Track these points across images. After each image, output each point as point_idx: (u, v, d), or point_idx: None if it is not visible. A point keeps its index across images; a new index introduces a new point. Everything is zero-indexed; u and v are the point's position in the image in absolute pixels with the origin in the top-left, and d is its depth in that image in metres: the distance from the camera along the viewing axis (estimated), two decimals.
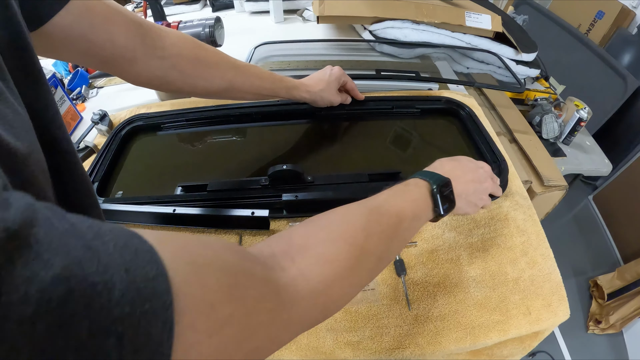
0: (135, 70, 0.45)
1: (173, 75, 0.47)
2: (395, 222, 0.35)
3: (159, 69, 0.46)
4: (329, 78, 0.65)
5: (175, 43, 0.47)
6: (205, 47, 0.51)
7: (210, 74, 0.51)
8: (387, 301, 0.50)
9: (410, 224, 0.37)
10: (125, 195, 0.62)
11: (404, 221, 0.36)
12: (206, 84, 0.51)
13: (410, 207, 0.38)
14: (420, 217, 0.39)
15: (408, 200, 0.38)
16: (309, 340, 0.46)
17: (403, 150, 0.71)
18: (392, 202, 0.37)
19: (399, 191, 0.39)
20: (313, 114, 0.75)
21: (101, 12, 0.39)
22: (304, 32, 1.12)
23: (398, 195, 0.39)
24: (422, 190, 0.40)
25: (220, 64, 0.52)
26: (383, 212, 0.35)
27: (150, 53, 0.44)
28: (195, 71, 0.49)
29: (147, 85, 0.49)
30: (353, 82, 0.71)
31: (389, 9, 0.93)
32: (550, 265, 0.53)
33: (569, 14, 2.15)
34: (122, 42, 0.41)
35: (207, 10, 1.35)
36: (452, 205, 0.42)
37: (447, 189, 0.42)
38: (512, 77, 0.88)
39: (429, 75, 0.86)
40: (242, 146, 0.71)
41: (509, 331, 0.48)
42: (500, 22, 0.95)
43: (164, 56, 0.46)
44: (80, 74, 0.93)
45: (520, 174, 0.76)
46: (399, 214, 0.36)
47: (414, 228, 0.39)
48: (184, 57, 0.47)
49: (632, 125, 1.82)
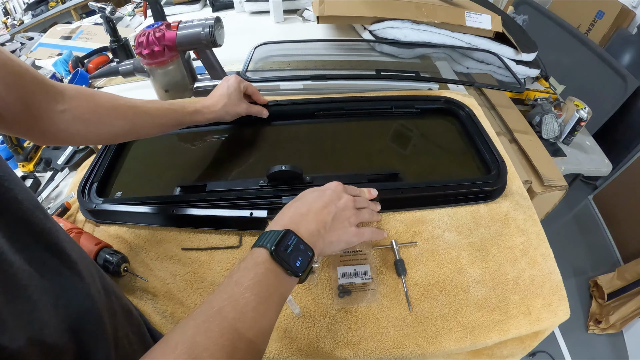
0: (41, 128, 0.45)
1: (76, 126, 0.48)
2: (230, 326, 0.31)
3: (62, 122, 0.46)
4: (227, 91, 0.65)
5: (73, 95, 0.47)
6: (101, 94, 0.52)
7: (111, 118, 0.51)
8: (387, 301, 0.50)
9: (260, 310, 0.33)
10: (124, 196, 0.62)
11: (245, 314, 0.32)
12: (110, 128, 0.51)
13: (252, 293, 0.33)
14: (273, 293, 0.35)
15: (245, 287, 0.33)
16: (309, 341, 0.46)
17: (402, 151, 0.70)
18: (225, 302, 0.32)
19: (233, 279, 0.35)
20: (313, 114, 0.74)
21: (12, 72, 0.39)
22: (304, 32, 1.12)
23: (232, 287, 0.34)
24: (262, 261, 0.36)
25: (118, 106, 0.52)
26: (211, 326, 0.31)
27: (52, 108, 0.45)
28: (96, 117, 0.50)
29: (55, 141, 0.50)
30: (253, 87, 0.70)
31: (389, 9, 0.93)
32: (550, 265, 0.53)
33: (569, 14, 2.15)
34: (29, 101, 0.42)
35: (207, 10, 1.35)
36: (307, 254, 0.38)
37: (289, 241, 0.37)
38: (512, 77, 0.87)
39: (429, 75, 0.86)
40: (241, 147, 0.71)
41: (509, 331, 0.47)
42: (500, 22, 0.95)
43: (65, 109, 0.46)
44: (80, 74, 0.93)
45: (520, 174, 0.76)
46: (234, 311, 0.32)
47: (271, 308, 0.35)
48: (83, 107, 0.48)
49: (632, 125, 1.82)
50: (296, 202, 0.45)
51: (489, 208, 0.59)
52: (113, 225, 0.59)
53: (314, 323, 0.48)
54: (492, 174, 0.61)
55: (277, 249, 0.36)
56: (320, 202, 0.44)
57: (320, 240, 0.41)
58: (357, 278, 0.52)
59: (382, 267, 0.53)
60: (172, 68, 0.78)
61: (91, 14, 2.00)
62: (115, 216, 0.59)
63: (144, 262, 0.54)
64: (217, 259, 0.54)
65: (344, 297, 0.50)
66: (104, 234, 0.58)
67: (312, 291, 0.51)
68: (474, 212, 0.59)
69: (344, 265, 0.53)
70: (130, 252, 0.55)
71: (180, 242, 0.56)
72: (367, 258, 0.54)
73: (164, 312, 0.49)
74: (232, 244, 0.56)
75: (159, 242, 0.56)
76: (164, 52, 0.74)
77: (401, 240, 0.55)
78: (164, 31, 0.73)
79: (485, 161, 0.64)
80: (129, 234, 0.58)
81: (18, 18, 2.40)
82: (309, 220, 0.41)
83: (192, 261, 0.54)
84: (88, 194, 0.60)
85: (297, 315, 0.48)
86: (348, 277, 0.52)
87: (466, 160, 0.67)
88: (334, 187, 0.47)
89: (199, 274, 0.52)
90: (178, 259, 0.54)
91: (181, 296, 0.50)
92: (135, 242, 0.56)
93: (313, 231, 0.41)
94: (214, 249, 0.55)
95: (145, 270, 0.53)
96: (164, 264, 0.54)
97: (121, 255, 0.51)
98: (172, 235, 0.57)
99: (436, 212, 0.59)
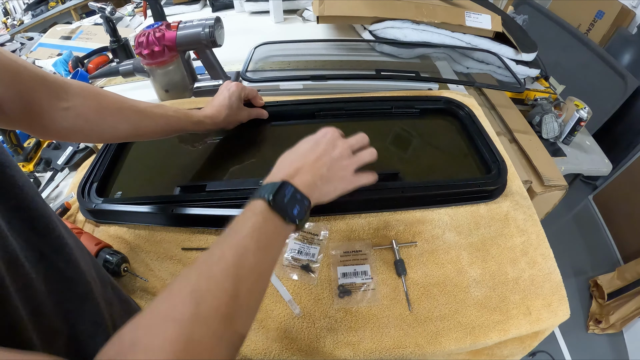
0: (42, 123, 0.45)
1: (79, 124, 0.47)
2: (232, 270, 0.32)
3: (65, 120, 0.46)
4: (229, 102, 0.63)
5: (78, 93, 0.47)
6: (107, 94, 0.51)
7: (115, 120, 0.51)
8: (387, 301, 0.50)
9: (260, 256, 0.34)
10: (124, 196, 0.62)
11: (246, 259, 0.33)
12: (113, 130, 0.51)
13: (252, 240, 0.34)
14: (272, 241, 0.36)
15: (244, 235, 0.34)
16: (309, 341, 0.46)
17: (402, 151, 0.70)
18: (225, 249, 0.33)
19: (233, 229, 0.35)
20: (313, 114, 0.74)
21: (8, 69, 0.39)
22: (304, 32, 1.12)
23: (232, 235, 0.35)
24: (260, 211, 0.36)
25: (123, 109, 0.52)
26: (213, 270, 0.31)
27: (54, 105, 0.45)
28: (100, 118, 0.49)
29: (56, 137, 0.50)
30: (254, 91, 0.69)
31: (389, 9, 0.93)
32: (550, 265, 0.53)
33: (569, 14, 2.15)
34: (29, 98, 0.42)
35: (207, 10, 1.35)
36: (304, 203, 0.39)
37: (286, 191, 0.38)
38: (512, 77, 0.87)
39: (429, 75, 0.86)
40: (241, 147, 0.71)
41: (509, 331, 0.47)
42: (500, 22, 0.95)
43: (68, 107, 0.46)
44: (81, 74, 0.93)
45: (520, 174, 0.76)
46: (236, 256, 0.32)
47: (270, 255, 0.36)
48: (87, 106, 0.48)
49: (632, 125, 1.82)
50: (291, 155, 0.45)
51: (489, 208, 0.59)
52: (113, 226, 0.59)
53: (314, 323, 0.48)
54: (492, 173, 0.61)
55: (275, 198, 0.37)
56: (314, 155, 0.43)
57: (317, 191, 0.41)
58: (357, 278, 0.52)
59: (382, 267, 0.53)
60: (172, 68, 0.78)
61: (91, 14, 2.00)
62: (115, 216, 0.59)
63: (144, 262, 0.54)
64: None
65: (344, 297, 0.50)
66: (104, 234, 0.58)
67: (312, 291, 0.51)
68: (474, 212, 0.59)
69: (344, 265, 0.53)
70: (130, 252, 0.55)
71: (180, 242, 0.56)
72: (367, 258, 0.54)
73: None
74: None
75: (159, 242, 0.56)
76: (164, 52, 0.74)
77: (401, 240, 0.55)
78: (164, 31, 0.73)
79: (485, 161, 0.64)
80: (129, 234, 0.58)
81: (18, 18, 2.40)
82: (304, 172, 0.41)
83: (192, 261, 0.54)
84: (88, 194, 0.60)
85: (297, 315, 0.48)
86: (348, 277, 0.52)
87: (466, 160, 0.67)
88: (329, 135, 0.46)
89: None
90: (178, 259, 0.54)
91: None
92: (135, 242, 0.56)
93: (309, 182, 0.41)
94: None
95: (146, 271, 0.53)
96: (164, 264, 0.54)
97: (121, 256, 0.51)
98: (172, 235, 0.57)
99: (436, 212, 0.59)
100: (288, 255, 0.54)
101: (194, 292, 0.29)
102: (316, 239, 0.56)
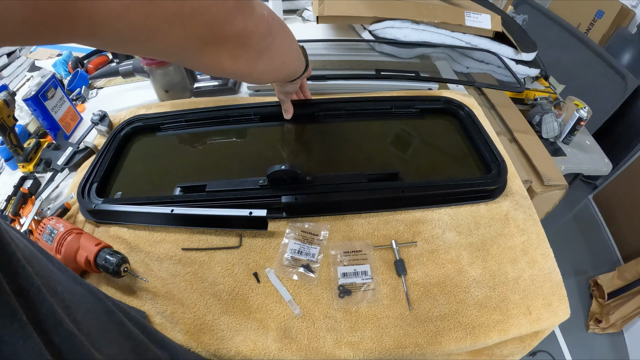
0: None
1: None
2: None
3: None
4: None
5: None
6: None
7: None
8: (387, 301, 0.50)
9: None
10: (124, 196, 0.62)
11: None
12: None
13: None
14: None
15: None
16: (310, 341, 0.46)
17: (402, 151, 0.70)
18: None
19: None
20: (312, 114, 0.74)
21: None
22: (304, 32, 1.12)
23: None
24: None
25: None
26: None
27: None
28: None
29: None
30: (306, 82, 0.72)
31: (388, 9, 0.93)
32: (550, 264, 0.53)
33: (569, 14, 2.15)
34: None
35: None
36: None
37: None
38: (511, 76, 0.87)
39: (429, 75, 0.86)
40: (241, 147, 0.71)
41: (509, 331, 0.48)
42: (500, 22, 0.95)
43: None
44: (80, 75, 0.93)
45: (520, 173, 0.76)
46: None
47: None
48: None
49: (631, 125, 1.82)
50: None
51: (489, 208, 0.59)
52: (113, 226, 0.59)
53: (314, 323, 0.48)
54: (492, 173, 0.61)
55: None
56: None
57: None
58: (357, 278, 0.52)
59: (382, 267, 0.53)
60: (172, 68, 0.78)
61: None
62: (116, 216, 0.59)
63: (144, 263, 0.54)
64: (217, 259, 0.54)
65: (344, 297, 0.50)
66: (104, 235, 0.58)
67: (312, 291, 0.51)
68: (474, 212, 0.59)
69: (344, 265, 0.53)
70: (130, 253, 0.55)
71: (180, 242, 0.56)
72: (367, 258, 0.54)
73: (164, 312, 0.49)
74: (232, 244, 0.56)
75: (159, 242, 0.56)
76: None
77: (401, 240, 0.55)
78: None
79: (485, 161, 0.64)
80: (129, 234, 0.58)
81: None
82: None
83: (192, 261, 0.54)
84: (88, 194, 0.60)
85: (297, 315, 0.48)
86: (348, 277, 0.52)
87: (466, 160, 0.67)
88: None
89: (199, 274, 0.52)
90: (178, 259, 0.54)
91: (181, 296, 0.50)
92: (135, 243, 0.56)
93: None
94: (214, 249, 0.55)
95: (146, 271, 0.53)
96: (164, 265, 0.54)
97: (121, 256, 0.51)
98: (172, 235, 0.57)
99: (436, 211, 0.59)
100: (288, 255, 0.54)
101: None
102: (316, 239, 0.56)
